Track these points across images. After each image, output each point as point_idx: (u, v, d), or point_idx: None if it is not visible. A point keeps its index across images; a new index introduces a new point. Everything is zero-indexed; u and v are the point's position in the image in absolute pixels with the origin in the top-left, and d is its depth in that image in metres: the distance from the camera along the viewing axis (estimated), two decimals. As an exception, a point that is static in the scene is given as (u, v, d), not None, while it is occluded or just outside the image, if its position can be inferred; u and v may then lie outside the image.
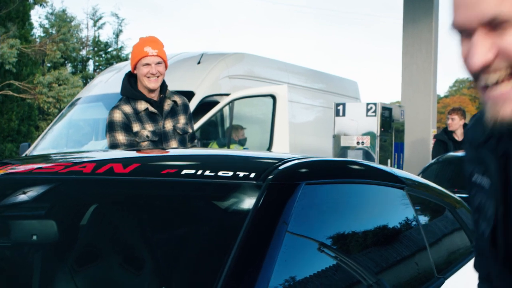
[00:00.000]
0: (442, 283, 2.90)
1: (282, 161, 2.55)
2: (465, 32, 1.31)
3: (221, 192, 2.41)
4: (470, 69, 1.32)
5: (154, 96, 5.20)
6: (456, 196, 4.43)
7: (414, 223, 3.06)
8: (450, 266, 3.10)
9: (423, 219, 3.18)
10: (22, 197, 2.68)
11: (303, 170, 2.56)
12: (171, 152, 3.19)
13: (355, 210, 2.84)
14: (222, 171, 2.47)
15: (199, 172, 2.49)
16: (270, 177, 2.37)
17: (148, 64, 5.10)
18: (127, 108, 5.10)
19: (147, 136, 5.04)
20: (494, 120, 1.29)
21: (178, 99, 5.35)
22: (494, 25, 1.25)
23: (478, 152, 1.56)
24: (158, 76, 5.14)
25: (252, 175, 2.40)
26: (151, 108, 5.16)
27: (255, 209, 2.22)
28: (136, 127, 5.07)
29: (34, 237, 2.62)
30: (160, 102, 5.25)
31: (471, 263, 3.13)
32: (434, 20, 11.98)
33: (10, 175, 2.71)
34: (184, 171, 2.52)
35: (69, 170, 2.66)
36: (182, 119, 5.33)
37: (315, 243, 2.46)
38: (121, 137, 5.01)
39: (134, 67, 5.21)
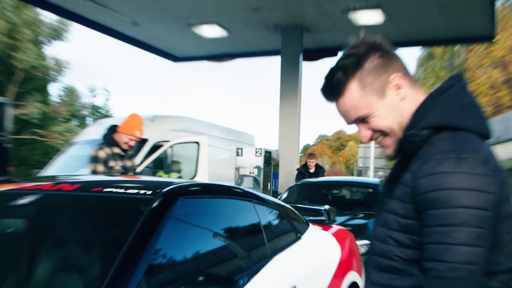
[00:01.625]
0: (271, 258, 2.95)
1: (171, 184, 2.58)
2: (354, 124, 1.63)
3: (128, 202, 2.40)
4: (365, 141, 1.69)
5: (124, 147, 5.35)
6: (299, 205, 4.54)
7: (256, 223, 3.09)
8: (279, 249, 3.13)
9: (264, 221, 3.19)
10: (8, 204, 2.63)
11: (182, 189, 2.58)
12: (105, 177, 3.16)
13: (217, 214, 2.85)
14: (131, 190, 2.49)
15: (115, 190, 2.50)
16: (160, 193, 2.38)
17: (131, 139, 5.32)
18: (108, 150, 5.26)
19: (118, 171, 5.29)
20: (385, 156, 1.64)
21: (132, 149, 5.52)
22: (361, 120, 1.58)
23: None
24: (132, 144, 5.39)
25: (149, 192, 2.41)
26: (121, 152, 5.38)
27: (147, 213, 2.23)
28: (112, 163, 5.28)
29: (12, 229, 2.58)
30: (126, 149, 5.42)
31: (290, 248, 3.23)
32: (298, 96, 12.23)
33: (5, 190, 2.64)
34: (106, 189, 2.52)
35: (35, 188, 2.63)
36: (133, 160, 5.50)
37: (189, 235, 2.49)
38: (100, 168, 5.19)
39: (124, 131, 5.30)
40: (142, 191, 2.43)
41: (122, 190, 2.48)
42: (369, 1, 10.49)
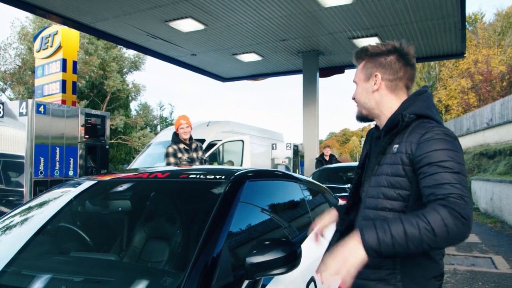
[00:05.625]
0: (315, 226, 2.86)
1: (238, 171, 2.50)
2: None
3: (208, 185, 2.32)
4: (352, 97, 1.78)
5: (187, 141, 5.38)
6: (326, 185, 4.41)
7: (302, 199, 3.01)
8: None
9: (307, 197, 3.11)
10: (115, 189, 2.60)
11: (247, 174, 2.49)
12: (187, 167, 3.09)
13: (274, 192, 2.77)
14: (209, 175, 2.41)
15: (198, 176, 2.43)
16: (231, 178, 2.31)
17: (182, 128, 5.36)
18: (175, 147, 5.35)
19: (185, 160, 5.25)
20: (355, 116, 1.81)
21: (197, 143, 5.47)
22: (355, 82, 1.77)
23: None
24: (187, 133, 5.34)
25: (223, 177, 2.33)
26: (186, 147, 5.39)
27: (224, 193, 2.15)
28: (179, 155, 5.31)
29: (120, 208, 2.54)
30: (190, 144, 5.44)
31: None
32: (316, 103, 12.05)
33: (113, 179, 2.61)
34: (191, 176, 2.46)
35: (136, 176, 2.58)
36: (200, 153, 5.47)
37: (254, 209, 2.41)
38: (172, 160, 5.27)
39: (177, 129, 5.42)
40: (218, 177, 2.36)
41: (203, 176, 2.41)
42: (368, 30, 10.38)
